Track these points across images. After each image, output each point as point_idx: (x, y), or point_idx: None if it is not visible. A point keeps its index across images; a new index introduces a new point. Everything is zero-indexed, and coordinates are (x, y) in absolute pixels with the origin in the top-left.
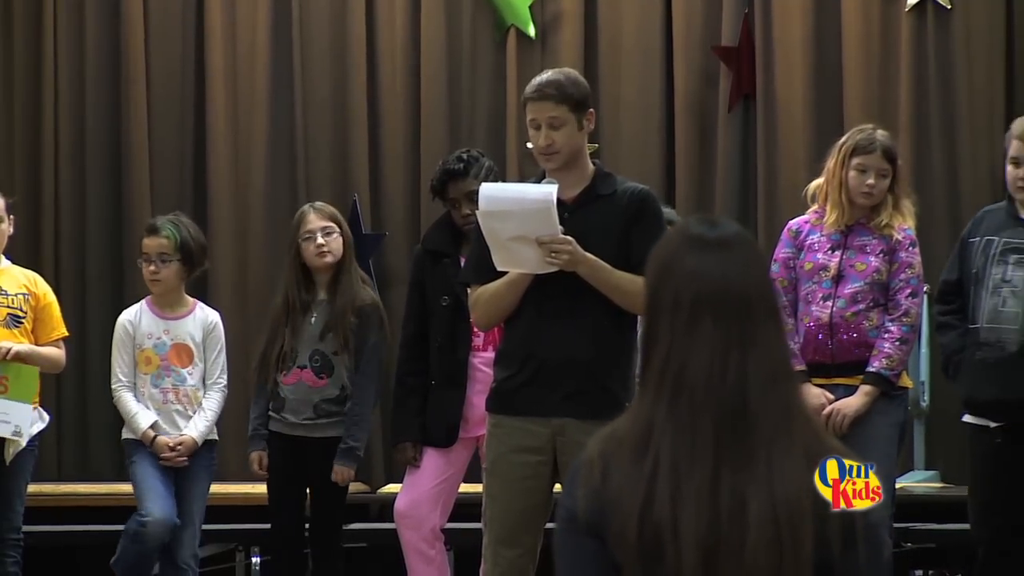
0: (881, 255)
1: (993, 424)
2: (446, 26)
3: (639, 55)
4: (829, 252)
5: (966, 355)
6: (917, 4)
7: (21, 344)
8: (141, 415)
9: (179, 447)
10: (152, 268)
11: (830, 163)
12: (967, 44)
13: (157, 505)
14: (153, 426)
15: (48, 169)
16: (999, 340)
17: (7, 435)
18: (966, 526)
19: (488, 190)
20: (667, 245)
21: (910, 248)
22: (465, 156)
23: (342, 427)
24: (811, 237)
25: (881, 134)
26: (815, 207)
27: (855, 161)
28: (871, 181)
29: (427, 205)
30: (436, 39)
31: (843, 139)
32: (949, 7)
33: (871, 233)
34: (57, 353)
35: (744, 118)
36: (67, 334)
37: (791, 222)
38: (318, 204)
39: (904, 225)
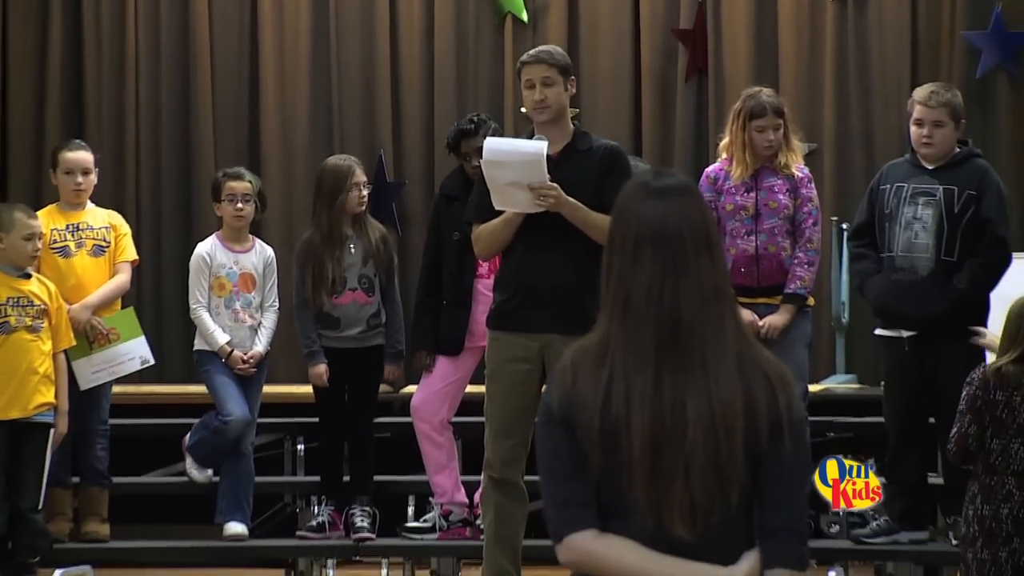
0: (788, 193)
1: (906, 334)
2: (455, 12)
3: (612, 36)
4: (745, 194)
5: (880, 278)
6: None
7: (88, 302)
8: (218, 332)
9: (251, 359)
10: (239, 206)
11: (732, 126)
12: (880, 27)
13: (238, 407)
14: (228, 342)
15: (131, 132)
16: (912, 266)
17: (137, 368)
18: (879, 419)
19: (491, 143)
20: (623, 194)
21: (808, 184)
22: (475, 119)
23: (382, 336)
24: (727, 183)
25: (766, 95)
26: (724, 157)
27: (754, 124)
28: (771, 137)
29: (440, 159)
30: (446, 23)
31: (738, 105)
32: None
33: (776, 175)
34: (121, 281)
35: (698, 88)
36: (136, 258)
37: (708, 169)
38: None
39: (800, 163)
